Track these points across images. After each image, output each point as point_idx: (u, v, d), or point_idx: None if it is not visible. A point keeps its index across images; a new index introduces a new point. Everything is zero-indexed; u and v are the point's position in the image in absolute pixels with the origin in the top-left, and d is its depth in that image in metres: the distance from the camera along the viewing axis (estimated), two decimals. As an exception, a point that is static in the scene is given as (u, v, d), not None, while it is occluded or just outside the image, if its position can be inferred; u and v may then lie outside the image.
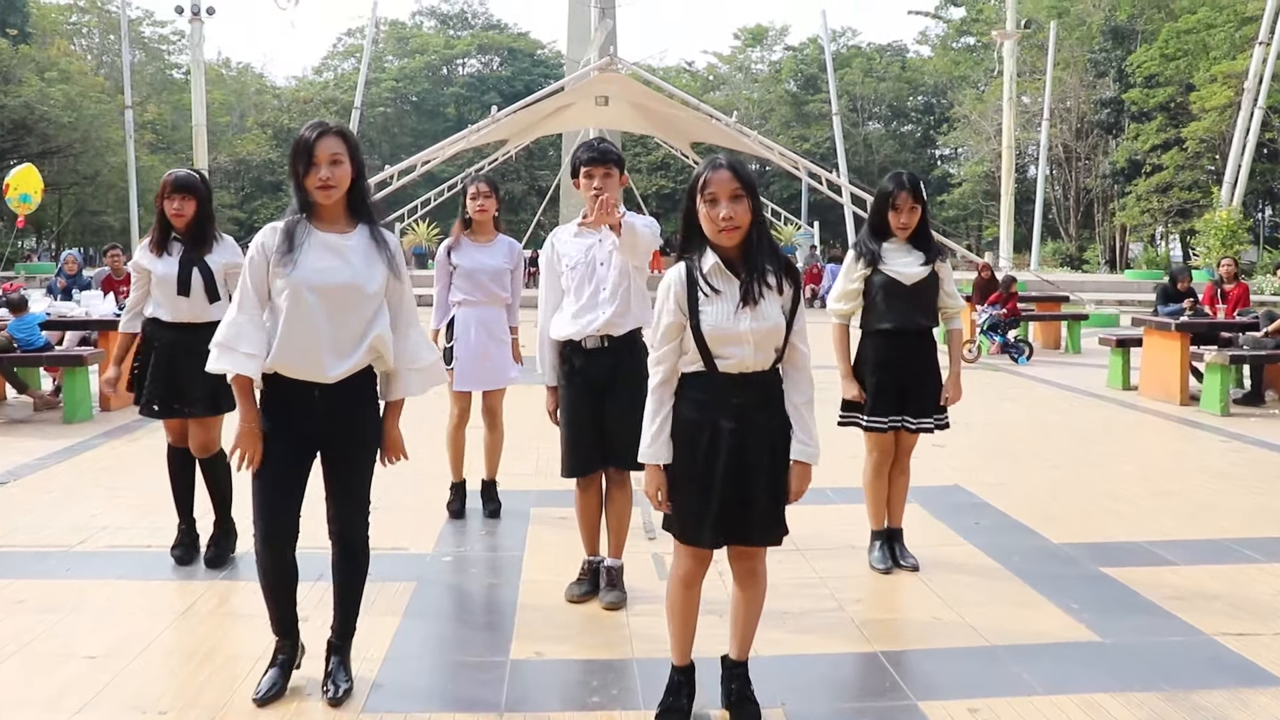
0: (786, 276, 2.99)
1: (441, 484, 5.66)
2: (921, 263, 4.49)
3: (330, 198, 3.13)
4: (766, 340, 2.94)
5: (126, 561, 4.71)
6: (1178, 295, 10.84)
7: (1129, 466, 6.99)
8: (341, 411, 3.21)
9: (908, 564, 4.65)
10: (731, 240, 2.92)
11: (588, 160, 4.01)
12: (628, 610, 4.13)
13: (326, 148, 3.09)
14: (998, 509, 5.71)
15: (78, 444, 7.47)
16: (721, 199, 2.88)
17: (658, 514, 5.34)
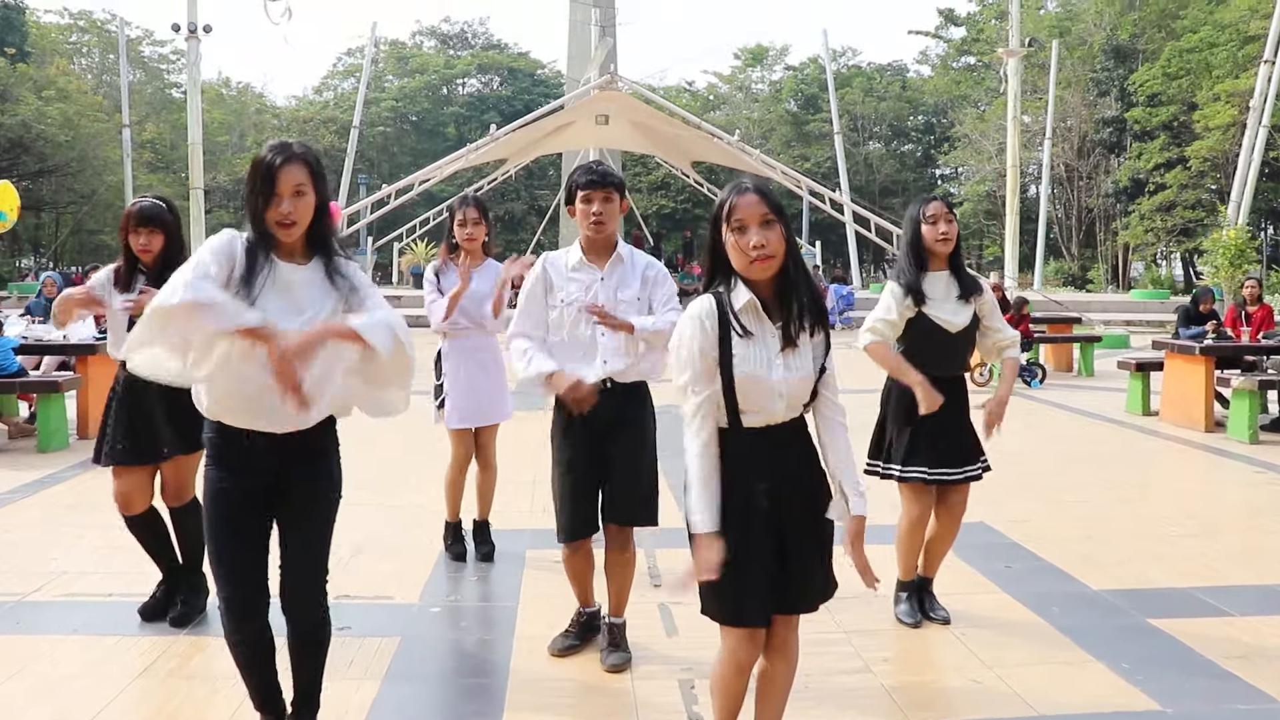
0: (819, 318, 2.62)
1: (433, 525, 5.27)
2: (959, 297, 4.08)
3: (291, 235, 2.72)
4: (799, 392, 2.60)
5: (83, 613, 4.30)
6: (1200, 317, 10.47)
7: (1162, 501, 6.60)
8: (293, 464, 2.79)
9: (938, 617, 4.25)
10: (766, 271, 2.55)
11: (586, 184, 3.63)
12: (632, 673, 3.73)
13: (290, 178, 2.66)
14: (1029, 550, 5.31)
15: (49, 476, 7.08)
16: (751, 226, 2.53)
17: (664, 561, 5.00)
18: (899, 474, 4.12)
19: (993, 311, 4.18)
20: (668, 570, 4.88)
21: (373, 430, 8.13)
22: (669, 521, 5.74)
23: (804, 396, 2.62)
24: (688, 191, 48.82)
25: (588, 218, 3.63)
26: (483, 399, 4.90)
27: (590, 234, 3.67)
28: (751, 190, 2.56)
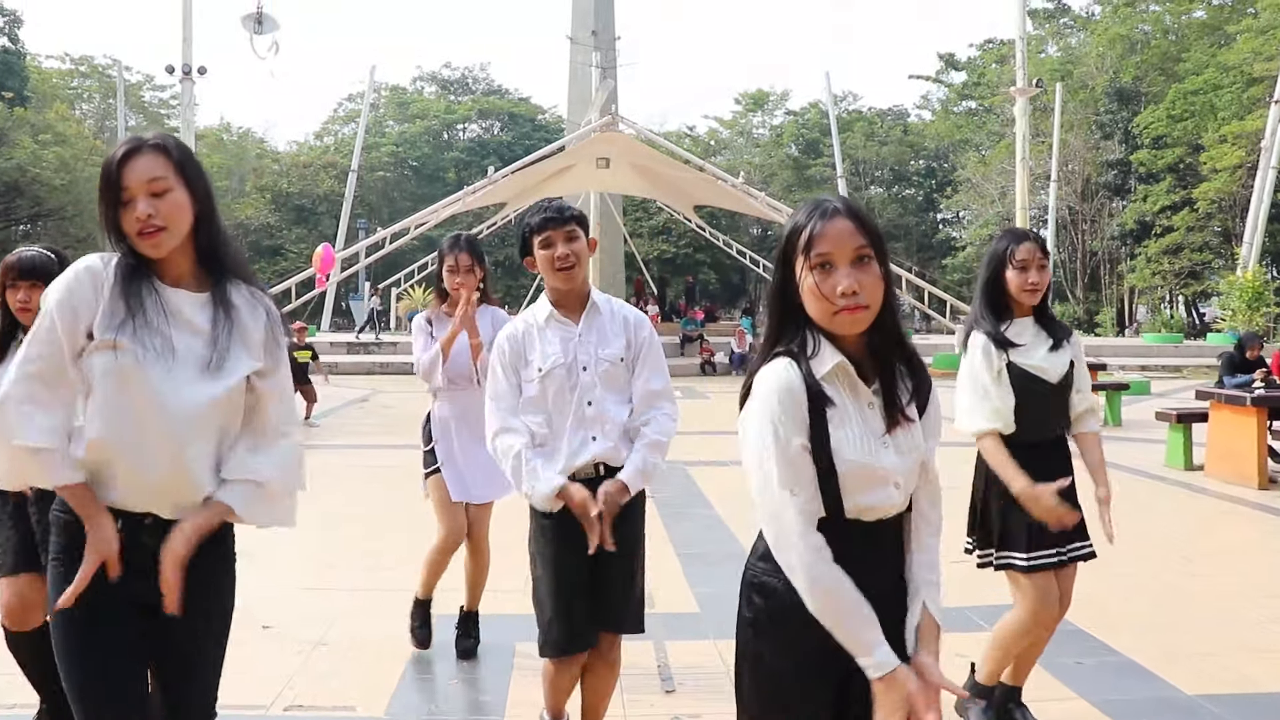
0: (919, 378, 1.94)
1: (406, 612, 4.54)
2: (1052, 347, 3.37)
3: (160, 246, 2.06)
4: (913, 476, 1.91)
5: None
6: (1246, 365, 9.80)
7: (1235, 574, 5.88)
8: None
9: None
10: (857, 325, 1.84)
11: (542, 224, 3.01)
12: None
13: (141, 172, 2.04)
14: (1098, 639, 4.59)
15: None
16: (839, 263, 1.82)
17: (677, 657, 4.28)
18: (1024, 563, 3.32)
19: (1082, 369, 3.48)
20: (681, 670, 4.14)
21: (344, 503, 7.51)
22: (681, 604, 5.06)
23: (915, 483, 1.93)
24: (690, 236, 48.46)
25: (552, 264, 3.00)
26: (479, 472, 4.13)
27: (559, 284, 3.03)
28: (843, 213, 1.85)
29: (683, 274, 47.74)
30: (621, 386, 3.05)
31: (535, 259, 3.05)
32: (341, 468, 9.45)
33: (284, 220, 58.24)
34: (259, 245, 57.97)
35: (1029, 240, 3.39)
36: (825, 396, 1.82)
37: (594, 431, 2.98)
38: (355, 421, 13.24)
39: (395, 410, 14.08)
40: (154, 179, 2.05)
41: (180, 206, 2.08)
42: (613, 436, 2.99)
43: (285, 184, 59.19)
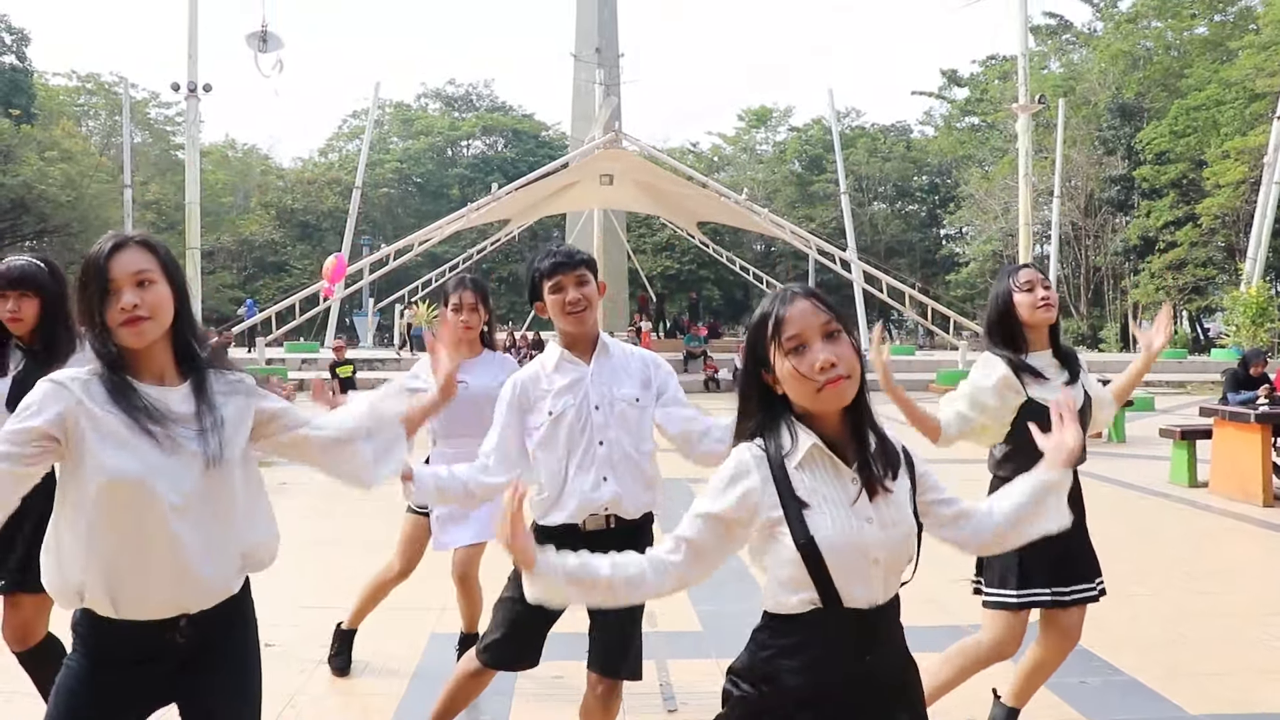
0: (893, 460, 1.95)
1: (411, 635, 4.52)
2: (1068, 381, 3.34)
3: (144, 335, 2.05)
4: (899, 555, 1.89)
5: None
6: (1250, 381, 9.78)
7: (1243, 592, 5.85)
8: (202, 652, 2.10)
9: None
10: (842, 398, 1.86)
11: (552, 268, 2.95)
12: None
13: (127, 264, 2.06)
14: (1102, 658, 4.56)
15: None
16: (812, 341, 1.86)
17: (679, 676, 4.26)
18: (1015, 600, 3.28)
19: (1096, 396, 3.48)
20: (683, 689, 4.12)
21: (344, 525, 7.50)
22: (683, 623, 5.04)
23: (905, 558, 1.90)
24: (693, 252, 48.55)
25: (563, 308, 2.96)
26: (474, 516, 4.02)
27: (570, 327, 2.99)
28: (802, 295, 1.90)
29: (686, 290, 47.80)
30: (635, 428, 2.98)
31: (545, 304, 3.01)
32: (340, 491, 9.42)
33: (288, 236, 58.39)
34: (263, 261, 58.10)
35: (1028, 266, 3.41)
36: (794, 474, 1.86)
37: (605, 473, 2.92)
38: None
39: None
40: (140, 270, 2.08)
41: (164, 299, 2.10)
42: (625, 479, 2.93)
43: (290, 200, 59.39)
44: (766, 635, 1.90)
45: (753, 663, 1.89)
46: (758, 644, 1.91)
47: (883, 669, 1.89)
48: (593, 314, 3.00)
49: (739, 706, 1.90)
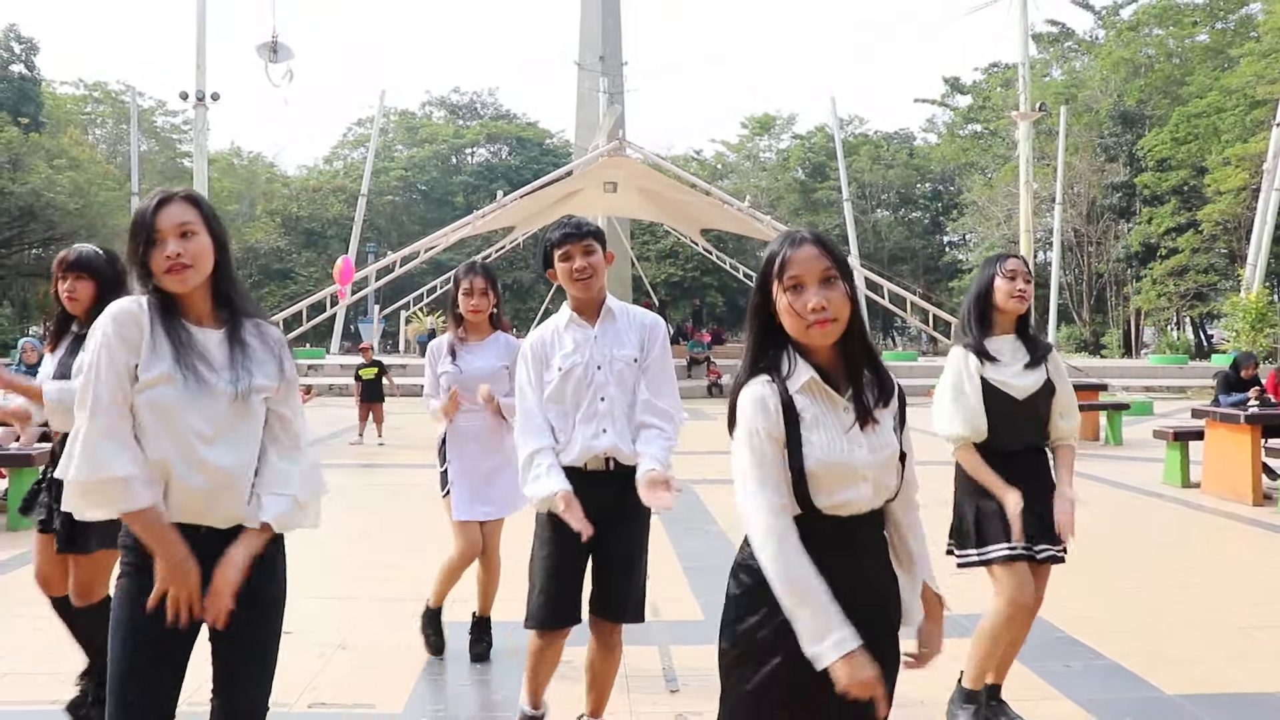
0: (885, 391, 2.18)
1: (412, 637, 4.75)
2: (1027, 364, 3.62)
3: (186, 282, 2.31)
4: (886, 473, 2.14)
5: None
6: (1241, 384, 9.98)
7: (1226, 586, 6.05)
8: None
9: None
10: (827, 337, 2.11)
11: (562, 238, 3.28)
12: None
13: (172, 217, 2.31)
14: (1087, 645, 4.76)
15: (16, 556, 6.59)
16: (809, 283, 2.10)
17: (681, 660, 4.47)
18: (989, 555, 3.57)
19: (1062, 381, 3.69)
20: (685, 672, 4.33)
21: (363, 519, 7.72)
22: (685, 613, 5.25)
23: (892, 475, 2.15)
24: (696, 259, 48.73)
25: (571, 275, 3.28)
26: (493, 490, 4.36)
27: (578, 293, 3.31)
28: (810, 241, 2.14)
29: (690, 297, 48.00)
30: (632, 386, 3.29)
31: (556, 270, 3.30)
32: (358, 486, 9.66)
33: (294, 244, 58.62)
34: (269, 269, 58.33)
35: (1018, 257, 3.68)
36: (797, 408, 2.08)
37: (605, 425, 3.22)
38: (367, 442, 13.43)
39: (404, 431, 14.26)
40: (183, 223, 2.32)
41: (205, 249, 2.35)
42: (623, 431, 3.24)
43: (295, 208, 59.66)
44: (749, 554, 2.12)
45: (745, 560, 2.12)
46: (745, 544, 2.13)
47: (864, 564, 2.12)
48: (598, 281, 3.30)
49: (737, 602, 2.13)
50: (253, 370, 2.35)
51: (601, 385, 3.24)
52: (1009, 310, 3.64)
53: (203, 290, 2.37)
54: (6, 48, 47.74)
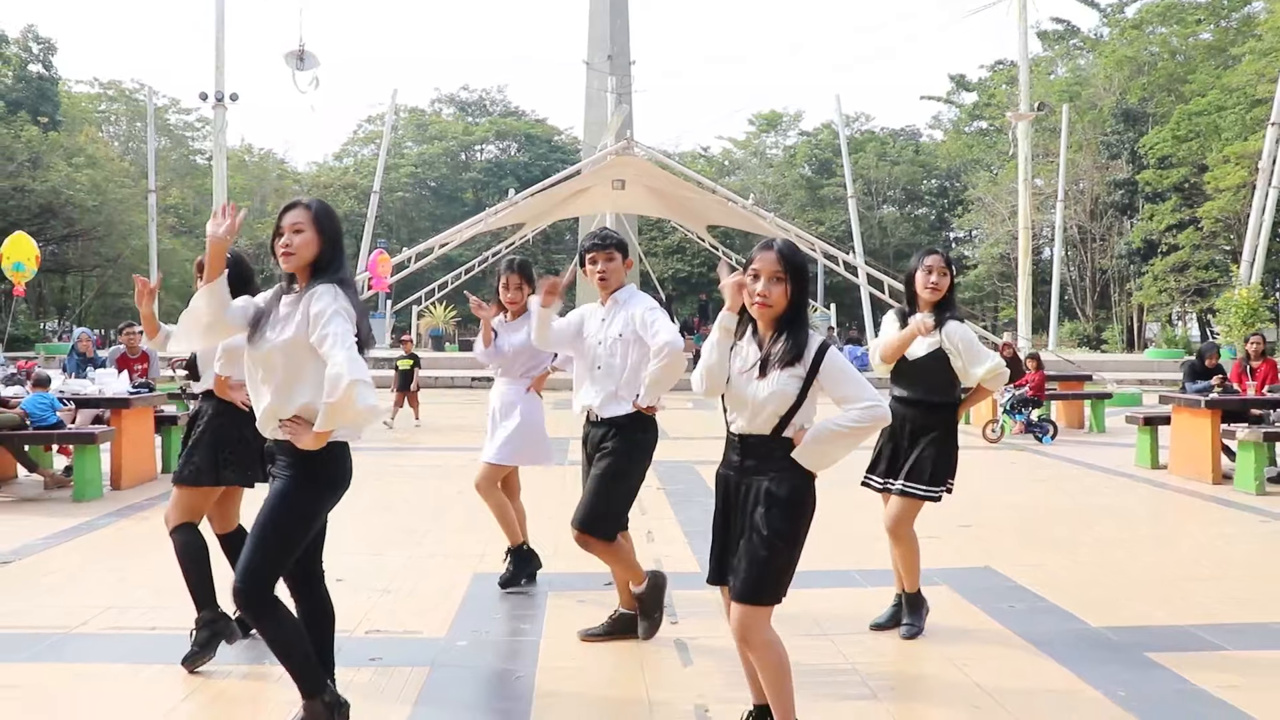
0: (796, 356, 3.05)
1: (456, 571, 5.59)
2: (929, 340, 4.56)
3: (289, 263, 3.26)
4: (767, 407, 3.05)
5: (129, 644, 4.53)
6: (1205, 372, 10.64)
7: (1167, 549, 6.75)
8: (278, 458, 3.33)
9: (902, 632, 4.64)
10: (762, 315, 3.07)
11: (590, 247, 4.44)
12: (649, 697, 3.92)
13: (289, 220, 3.26)
14: (1033, 592, 5.48)
15: (85, 523, 7.33)
16: (762, 276, 3.03)
17: (680, 601, 5.20)
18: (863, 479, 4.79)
19: (966, 350, 4.56)
20: (683, 609, 5.07)
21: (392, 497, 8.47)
22: (684, 566, 5.98)
23: (772, 413, 3.04)
24: (703, 255, 49.36)
25: (593, 276, 4.44)
26: (508, 442, 5.27)
27: (597, 287, 4.50)
28: (774, 249, 3.03)
29: (696, 292, 48.72)
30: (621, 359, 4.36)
31: (587, 270, 4.42)
32: (390, 465, 10.42)
33: (305, 240, 59.48)
34: (280, 264, 59.16)
35: (937, 253, 4.66)
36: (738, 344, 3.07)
37: (597, 386, 4.40)
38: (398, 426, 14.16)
39: (428, 419, 14.99)
40: (295, 223, 3.27)
41: (308, 243, 3.25)
42: (606, 393, 4.37)
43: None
44: None
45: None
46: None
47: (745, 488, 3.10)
48: (611, 280, 4.39)
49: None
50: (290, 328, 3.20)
51: (599, 357, 4.39)
52: (924, 297, 4.58)
53: (304, 270, 3.29)
54: (25, 48, 48.48)
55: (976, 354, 4.57)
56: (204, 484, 4.25)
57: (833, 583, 5.54)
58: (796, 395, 3.03)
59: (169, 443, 9.87)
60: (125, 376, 9.46)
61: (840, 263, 30.08)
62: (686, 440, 12.20)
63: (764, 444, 3.08)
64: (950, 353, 4.55)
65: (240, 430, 4.16)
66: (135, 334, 10.49)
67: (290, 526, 3.20)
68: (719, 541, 3.21)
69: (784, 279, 3.02)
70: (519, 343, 5.28)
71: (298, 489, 3.21)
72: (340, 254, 3.32)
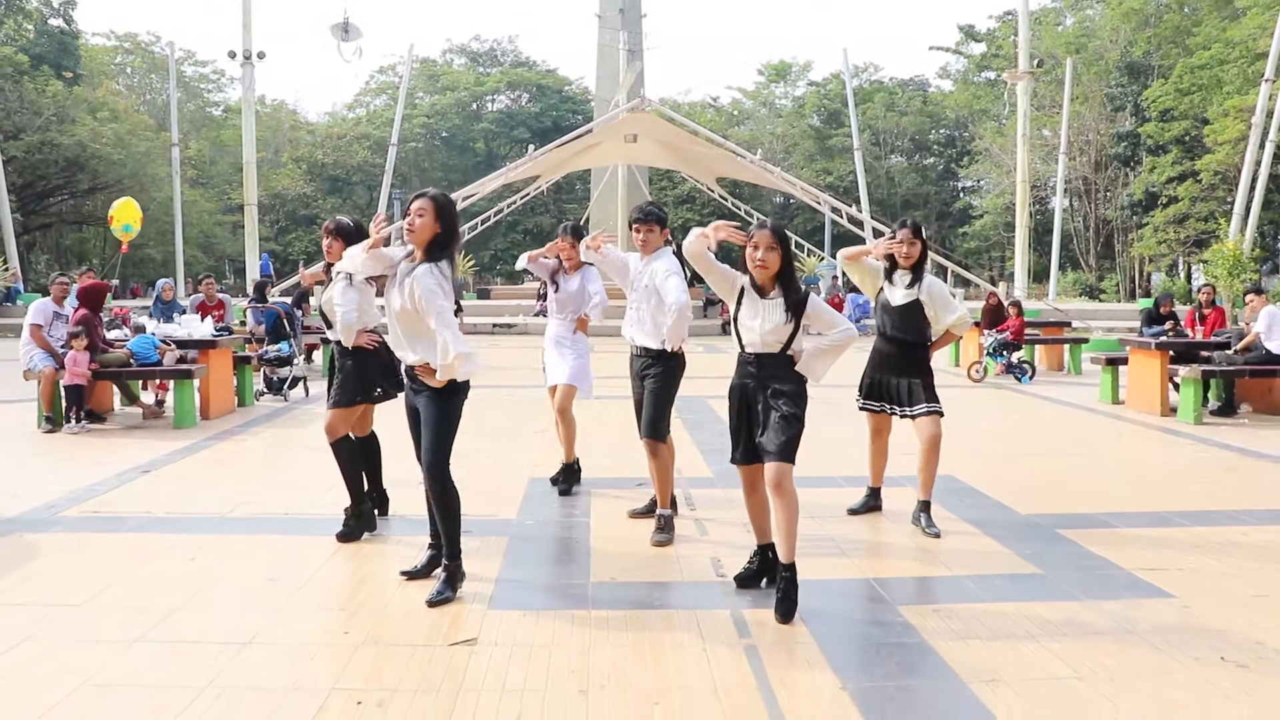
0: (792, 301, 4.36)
1: (511, 482, 7.00)
2: (906, 286, 5.79)
3: (411, 239, 4.49)
4: (773, 335, 4.35)
5: (274, 524, 5.90)
6: (1160, 318, 11.89)
7: (1099, 463, 8.08)
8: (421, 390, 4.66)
9: (931, 532, 5.73)
10: (759, 276, 4.35)
11: (635, 220, 5.66)
12: (676, 549, 5.32)
13: (415, 206, 4.48)
14: (980, 491, 6.81)
15: (192, 444, 8.68)
16: (761, 247, 4.31)
17: (698, 496, 6.54)
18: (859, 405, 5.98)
19: (940, 302, 5.81)
20: (699, 500, 6.43)
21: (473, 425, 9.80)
22: (700, 473, 7.32)
23: (777, 340, 4.35)
24: (712, 205, 50.23)
25: (637, 240, 5.69)
26: (564, 369, 6.58)
27: (639, 249, 5.67)
28: (768, 228, 4.32)
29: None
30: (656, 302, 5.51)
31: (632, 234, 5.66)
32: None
33: (319, 190, 60.05)
34: (295, 215, 59.97)
35: (906, 228, 5.81)
36: (744, 293, 4.30)
37: (637, 326, 5.64)
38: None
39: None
40: (419, 208, 4.47)
41: (427, 225, 4.46)
42: (647, 328, 5.57)
43: (320, 155, 61.04)
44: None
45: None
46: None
47: (763, 388, 4.34)
48: (652, 245, 5.58)
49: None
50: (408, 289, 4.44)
51: (640, 299, 5.61)
52: (902, 263, 5.81)
53: (424, 246, 4.47)
54: (46, 2, 49.26)
55: (947, 305, 5.84)
56: (355, 404, 5.57)
57: (819, 484, 6.84)
58: (791, 330, 4.34)
59: (244, 380, 11.21)
60: (209, 321, 10.78)
61: (845, 216, 31.13)
62: (699, 379, 13.42)
63: (773, 359, 4.37)
64: (925, 303, 5.78)
65: (367, 364, 5.49)
66: (213, 285, 11.81)
67: (448, 424, 4.60)
68: (744, 433, 4.44)
69: (776, 248, 4.32)
70: (573, 289, 6.61)
71: (445, 402, 4.57)
72: (454, 237, 4.55)
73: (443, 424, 4.58)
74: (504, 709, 3.39)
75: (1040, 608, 4.38)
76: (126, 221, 19.05)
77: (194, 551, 5.29)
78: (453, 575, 4.61)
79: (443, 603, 4.47)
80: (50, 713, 3.34)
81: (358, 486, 5.62)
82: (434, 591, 4.53)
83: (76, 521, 5.94)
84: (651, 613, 4.37)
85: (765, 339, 4.35)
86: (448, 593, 4.53)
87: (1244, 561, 5.14)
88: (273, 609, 4.40)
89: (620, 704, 3.43)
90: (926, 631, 4.10)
